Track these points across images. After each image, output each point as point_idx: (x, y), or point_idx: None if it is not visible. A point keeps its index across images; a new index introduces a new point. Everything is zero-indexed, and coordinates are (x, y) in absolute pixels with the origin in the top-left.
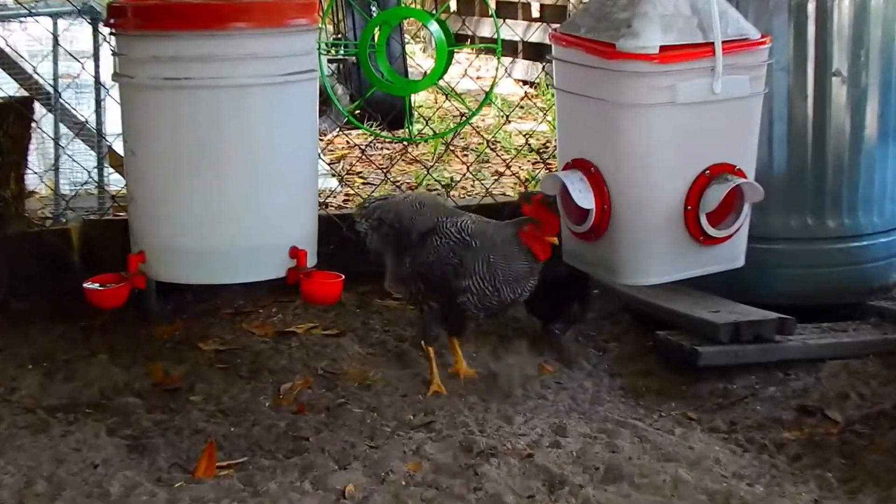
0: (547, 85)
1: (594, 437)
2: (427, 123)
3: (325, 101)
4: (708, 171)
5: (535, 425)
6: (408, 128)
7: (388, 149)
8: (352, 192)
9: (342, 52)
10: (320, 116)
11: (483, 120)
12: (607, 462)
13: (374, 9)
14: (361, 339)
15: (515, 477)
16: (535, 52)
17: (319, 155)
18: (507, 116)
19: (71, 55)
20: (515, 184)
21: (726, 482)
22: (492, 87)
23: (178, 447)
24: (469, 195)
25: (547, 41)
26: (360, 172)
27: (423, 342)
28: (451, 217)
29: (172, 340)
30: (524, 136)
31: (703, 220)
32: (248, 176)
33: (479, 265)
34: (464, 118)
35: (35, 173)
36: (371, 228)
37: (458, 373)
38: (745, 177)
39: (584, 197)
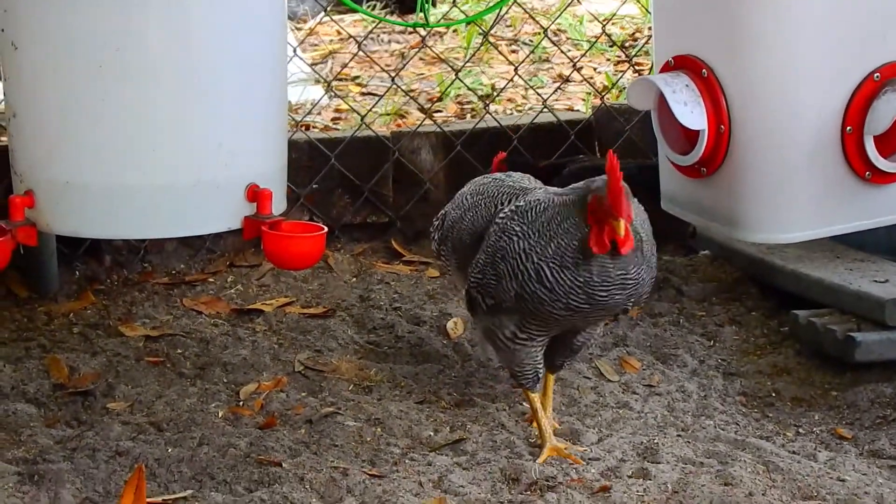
0: None
1: (699, 463)
2: (455, 2)
3: None
4: (878, 75)
5: (613, 446)
6: (422, 8)
7: (398, 41)
8: (345, 106)
9: None
10: None
11: None
12: (718, 500)
13: None
14: (358, 322)
15: None
16: None
17: (294, 51)
18: None
19: None
20: (588, 94)
21: None
22: None
23: (91, 475)
24: (518, 110)
25: None
26: (358, 77)
27: (521, 388)
28: (516, 199)
29: (81, 323)
30: (601, 21)
31: (871, 148)
32: (184, 82)
33: (521, 256)
34: None
35: None
36: (440, 245)
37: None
38: None
39: (691, 113)
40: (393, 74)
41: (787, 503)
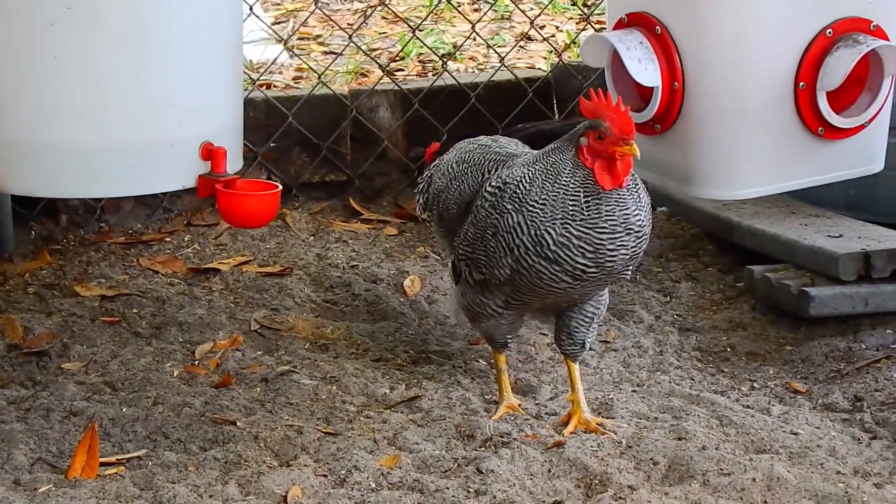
0: None
1: (654, 418)
2: None
3: None
4: (831, 30)
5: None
6: None
7: (360, 0)
8: (305, 66)
9: None
10: None
11: None
12: (671, 454)
13: None
14: (315, 280)
15: (536, 476)
16: None
17: (251, 9)
18: None
19: None
20: (549, 52)
21: (844, 482)
22: None
23: (44, 436)
24: (480, 69)
25: None
26: (319, 36)
27: (492, 350)
28: (504, 165)
29: (37, 283)
30: None
31: (823, 103)
32: (136, 41)
33: (517, 230)
34: None
35: None
36: (427, 210)
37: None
38: (886, 38)
39: (645, 69)
40: (350, 33)
41: (741, 457)
